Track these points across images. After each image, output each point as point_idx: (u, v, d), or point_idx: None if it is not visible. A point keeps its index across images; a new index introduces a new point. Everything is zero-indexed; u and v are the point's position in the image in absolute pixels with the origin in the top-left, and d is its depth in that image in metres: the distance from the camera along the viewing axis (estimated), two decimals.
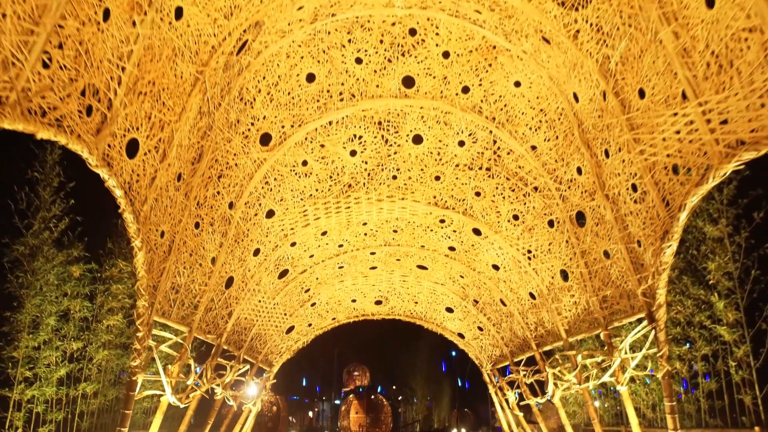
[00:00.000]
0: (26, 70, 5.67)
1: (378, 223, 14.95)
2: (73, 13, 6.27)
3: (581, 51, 9.96)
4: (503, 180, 13.28)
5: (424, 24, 11.94)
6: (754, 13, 6.53)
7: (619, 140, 9.92)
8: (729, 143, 7.45)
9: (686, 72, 7.89)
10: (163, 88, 8.65)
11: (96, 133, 7.23)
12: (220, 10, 9.34)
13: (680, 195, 8.67)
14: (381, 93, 12.75)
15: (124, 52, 7.48)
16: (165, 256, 10.04)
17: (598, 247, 11.53)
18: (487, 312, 16.61)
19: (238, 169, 12.00)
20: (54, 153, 12.48)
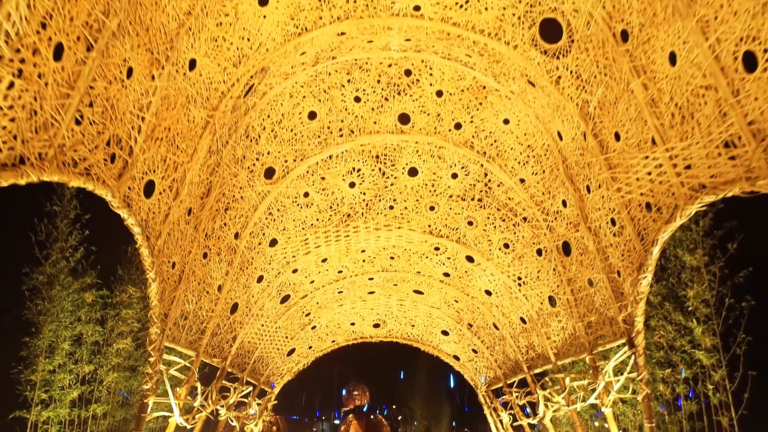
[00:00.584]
0: (62, 129, 6.45)
1: (376, 250, 15.66)
2: (102, 74, 7.07)
3: (563, 95, 10.77)
4: (494, 210, 14.02)
5: (419, 65, 12.78)
6: (709, 73, 7.34)
7: (598, 177, 10.68)
8: (692, 186, 8.21)
9: (654, 120, 8.69)
10: (177, 132, 9.43)
11: (118, 178, 7.98)
12: (229, 60, 10.17)
13: (653, 231, 9.41)
14: (378, 129, 13.56)
15: (144, 103, 8.27)
16: (176, 285, 10.73)
17: (582, 276, 12.22)
18: (481, 335, 17.24)
19: (244, 202, 12.74)
20: (71, 187, 13.23)
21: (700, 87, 7.60)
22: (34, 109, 5.89)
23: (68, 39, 6.20)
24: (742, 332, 11.63)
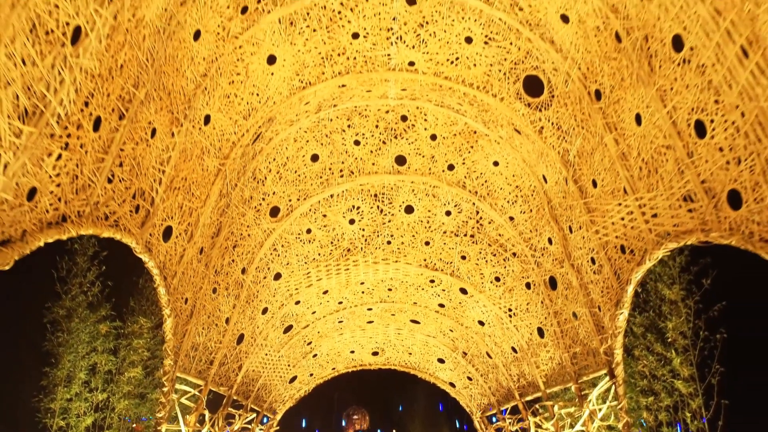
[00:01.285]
0: (98, 188, 7.37)
1: (374, 282, 16.49)
2: (131, 137, 8.02)
3: (546, 143, 11.73)
4: (485, 246, 14.88)
5: (414, 112, 13.78)
6: (668, 135, 8.29)
7: (579, 219, 11.57)
8: (659, 233, 9.10)
9: (625, 172, 9.62)
10: (193, 181, 10.36)
11: (141, 226, 8.87)
12: (239, 113, 11.16)
13: (627, 271, 10.28)
14: (376, 170, 14.50)
15: (165, 158, 9.21)
16: (187, 319, 11.55)
17: (567, 309, 13.03)
18: (475, 363, 17.98)
19: (251, 239, 13.61)
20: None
21: (662, 146, 8.55)
22: (75, 174, 6.81)
23: (105, 111, 7.16)
24: (716, 363, 12.43)
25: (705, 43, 7.05)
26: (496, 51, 11.33)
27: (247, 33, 10.20)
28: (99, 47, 6.50)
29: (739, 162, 6.95)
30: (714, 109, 7.25)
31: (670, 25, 7.67)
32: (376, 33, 11.49)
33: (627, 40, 8.69)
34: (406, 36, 11.57)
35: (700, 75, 7.35)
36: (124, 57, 7.25)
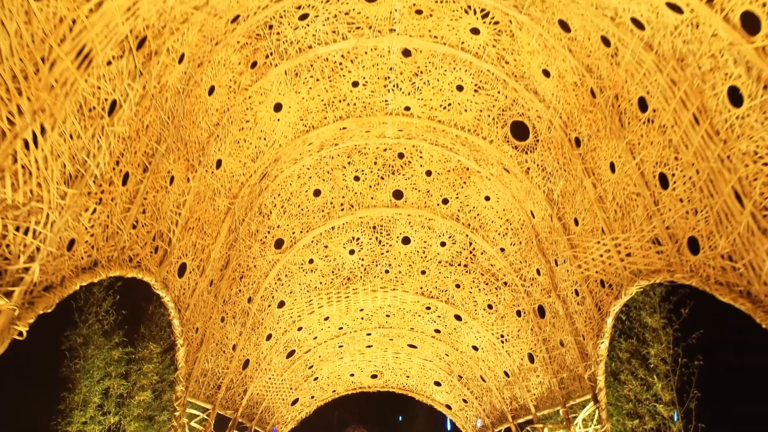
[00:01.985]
0: (124, 235, 8.23)
1: (373, 309, 17.29)
2: (153, 186, 8.90)
3: (532, 183, 12.62)
4: (478, 275, 15.71)
5: (410, 150, 14.69)
6: (637, 183, 9.18)
7: (563, 254, 12.41)
8: (632, 271, 9.94)
9: (602, 213, 10.50)
10: (205, 221, 11.23)
11: (159, 265, 9.72)
12: (248, 156, 12.07)
13: (606, 303, 11.10)
14: (375, 203, 15.38)
15: (181, 201, 10.08)
16: (198, 347, 12.34)
17: (555, 337, 13.82)
18: (470, 386, 18.69)
19: (256, 269, 14.44)
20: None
21: (633, 193, 9.44)
22: (106, 224, 7.68)
23: (132, 167, 8.05)
24: (694, 388, 13.18)
25: (665, 107, 7.98)
26: (485, 98, 12.29)
27: (256, 84, 11.15)
28: (130, 114, 7.42)
29: (696, 213, 7.83)
30: (674, 165, 8.16)
31: (635, 88, 8.60)
32: (375, 81, 12.46)
33: (600, 96, 9.63)
34: (402, 84, 12.54)
35: (662, 134, 8.27)
36: (150, 118, 8.17)
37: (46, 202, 6.02)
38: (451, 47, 11.48)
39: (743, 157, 6.65)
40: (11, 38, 4.77)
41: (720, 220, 7.31)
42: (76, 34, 5.56)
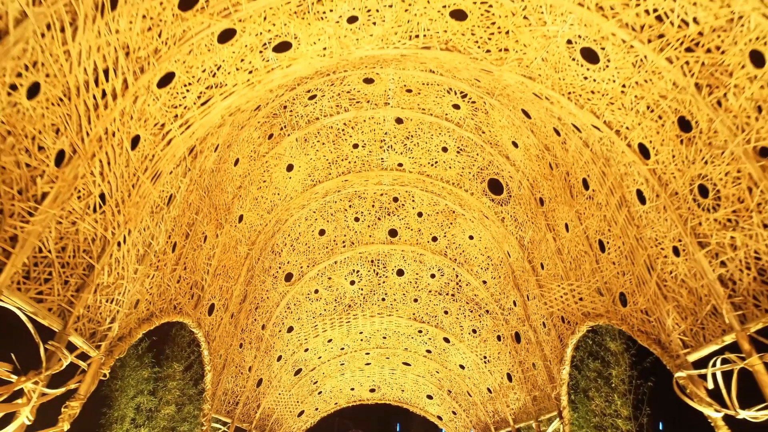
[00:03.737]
0: (172, 290, 10.36)
1: (371, 332, 19.40)
2: (192, 246, 11.02)
3: (507, 230, 14.74)
4: (464, 303, 17.82)
5: (404, 194, 16.80)
6: (584, 244, 11.30)
7: (533, 291, 14.52)
8: (584, 312, 12.05)
9: (561, 263, 12.61)
10: (229, 266, 13.36)
11: (194, 308, 11.84)
12: (264, 209, 14.20)
13: (566, 336, 13.21)
14: (373, 241, 17.50)
15: (211, 254, 12.20)
16: (221, 371, 14.44)
17: (529, 360, 15.91)
18: (458, 400, 20.79)
19: (269, 300, 16.56)
20: None
21: (582, 251, 11.56)
22: (160, 284, 9.81)
23: (179, 237, 10.19)
24: (646, 406, 15.31)
25: (600, 190, 10.12)
26: (466, 158, 14.43)
27: (273, 151, 13.29)
28: (180, 199, 9.58)
29: (624, 275, 9.97)
30: (608, 235, 10.29)
31: (580, 170, 10.74)
32: (372, 143, 14.61)
33: (556, 170, 11.77)
34: (396, 146, 14.69)
35: (599, 210, 10.41)
36: (192, 197, 10.31)
37: (125, 278, 8.16)
38: (436, 117, 13.63)
39: (649, 241, 8.80)
40: (117, 179, 6.92)
41: (639, 283, 9.45)
42: (154, 163, 7.71)
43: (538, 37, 7.71)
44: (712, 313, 7.58)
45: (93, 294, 7.18)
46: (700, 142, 6.77)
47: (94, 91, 5.69)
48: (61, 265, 6.36)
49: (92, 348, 7.75)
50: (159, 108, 7.04)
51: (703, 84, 6.34)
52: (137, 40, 5.85)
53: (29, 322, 6.04)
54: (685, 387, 8.54)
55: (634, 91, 7.42)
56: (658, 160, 7.78)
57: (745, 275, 6.78)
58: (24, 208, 5.33)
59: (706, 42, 6.05)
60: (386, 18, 7.90)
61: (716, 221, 7.00)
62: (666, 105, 7.05)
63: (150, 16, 5.82)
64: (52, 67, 4.98)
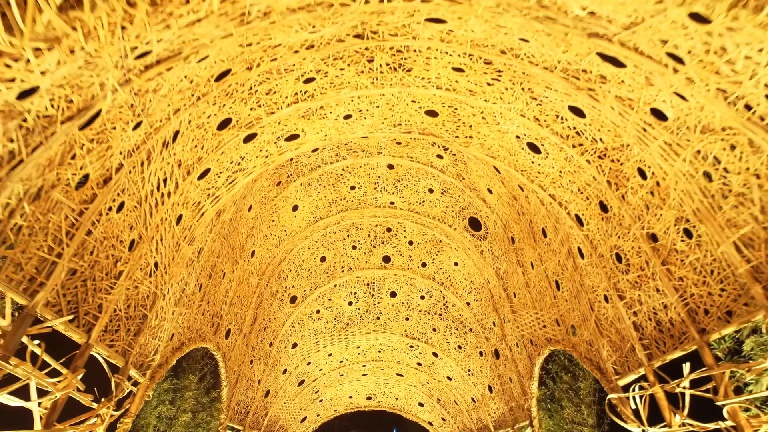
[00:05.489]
0: (197, 322, 12.41)
1: (368, 346, 21.47)
2: (213, 283, 13.08)
3: (485, 261, 16.79)
4: (450, 322, 19.88)
5: (396, 225, 18.85)
6: (544, 282, 13.35)
7: (508, 316, 16.57)
8: (546, 337, 14.10)
9: (528, 294, 14.66)
10: (243, 295, 15.42)
11: (214, 334, 13.90)
12: (273, 244, 16.26)
13: (534, 356, 15.26)
14: (368, 266, 19.55)
15: (228, 287, 14.27)
16: (235, 385, 16.51)
17: (506, 374, 17.96)
18: (447, 408, 22.85)
19: (276, 320, 18.62)
20: None
21: (544, 287, 13.62)
22: (188, 318, 11.87)
23: (204, 278, 12.25)
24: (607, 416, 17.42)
25: (554, 240, 12.18)
26: (449, 199, 16.48)
27: (280, 195, 15.35)
28: (206, 250, 11.65)
29: (573, 311, 12.03)
30: (562, 277, 12.35)
31: (540, 221, 12.80)
32: (367, 185, 16.66)
33: (522, 217, 13.82)
34: (388, 187, 16.74)
35: (554, 255, 12.47)
36: (215, 245, 12.38)
37: (166, 319, 10.24)
38: (423, 164, 15.69)
39: (589, 287, 10.86)
40: (166, 249, 8.99)
41: (583, 319, 11.51)
42: (191, 231, 9.78)
43: (495, 131, 9.79)
44: (631, 350, 9.65)
45: (145, 336, 9.25)
46: (614, 221, 8.84)
47: (156, 195, 7.77)
48: (126, 317, 8.44)
49: (141, 376, 9.81)
50: (198, 193, 9.12)
51: (612, 182, 8.41)
52: (187, 155, 7.92)
53: (105, 363, 8.12)
54: (617, 406, 10.60)
55: (568, 177, 9.49)
56: (589, 229, 9.85)
57: (649, 324, 8.85)
58: (108, 284, 7.40)
59: (610, 155, 8.13)
60: (374, 114, 9.98)
61: (628, 281, 9.06)
62: (590, 191, 9.12)
63: (196, 138, 7.90)
64: (132, 189, 7.06)
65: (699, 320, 7.63)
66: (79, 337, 7.31)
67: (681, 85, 5.39)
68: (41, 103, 4.24)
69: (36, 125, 4.37)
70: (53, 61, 3.54)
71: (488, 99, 8.85)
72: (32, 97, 4.01)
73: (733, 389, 8.76)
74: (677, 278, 7.84)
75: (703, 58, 4.74)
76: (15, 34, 3.05)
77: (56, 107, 4.54)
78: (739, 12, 3.53)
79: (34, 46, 3.24)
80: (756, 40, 3.92)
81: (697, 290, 7.47)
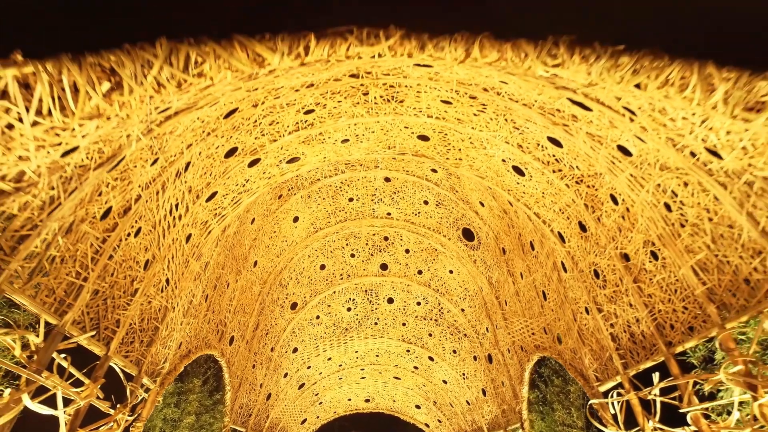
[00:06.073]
0: (204, 331, 13.12)
1: (366, 351, 22.18)
2: (218, 294, 13.78)
3: (478, 270, 17.50)
4: (445, 328, 20.58)
5: (393, 234, 19.55)
6: (532, 291, 14.06)
7: (500, 323, 17.28)
8: (535, 344, 14.81)
9: (518, 303, 15.37)
10: (246, 304, 16.13)
11: (219, 341, 14.61)
12: (275, 254, 16.96)
13: (524, 362, 15.96)
14: (366, 273, 20.25)
15: (232, 296, 14.97)
16: (238, 388, 17.21)
17: (499, 378, 18.67)
18: (442, 410, 23.55)
19: (277, 326, 19.33)
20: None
21: (532, 296, 14.32)
22: (195, 328, 12.58)
23: (210, 290, 12.95)
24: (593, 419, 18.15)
25: (540, 253, 12.88)
26: (443, 210, 17.19)
27: (281, 208, 16.06)
28: (212, 263, 12.35)
29: (558, 320, 12.73)
30: (548, 288, 13.05)
31: (527, 234, 13.50)
32: (365, 197, 17.37)
33: (512, 230, 14.53)
34: (384, 199, 17.45)
35: (541, 267, 13.17)
36: (220, 258, 13.09)
37: (175, 330, 10.94)
38: (418, 178, 16.39)
39: (572, 299, 11.57)
40: (176, 266, 9.68)
41: (567, 328, 12.22)
42: (199, 248, 10.48)
43: (482, 155, 10.50)
44: (609, 359, 10.35)
45: (156, 346, 9.96)
46: (592, 240, 9.55)
47: (168, 219, 8.49)
48: (140, 330, 9.15)
49: (152, 382, 10.52)
50: (205, 213, 9.84)
51: (589, 205, 9.12)
52: (197, 182, 8.64)
53: (121, 372, 8.83)
54: (598, 410, 11.31)
55: (550, 198, 10.20)
56: (570, 246, 10.56)
57: (624, 335, 9.56)
58: (125, 301, 8.11)
59: (586, 181, 8.84)
60: (370, 138, 10.69)
61: (605, 296, 9.78)
62: (570, 211, 9.83)
63: (205, 167, 8.61)
64: (148, 215, 7.77)
65: (666, 334, 8.35)
66: (100, 350, 8.02)
67: (637, 131, 6.09)
68: (79, 156, 4.94)
69: (73, 174, 5.09)
70: (93, 127, 4.23)
71: (475, 127, 9.56)
72: (72, 154, 4.72)
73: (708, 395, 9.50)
74: (647, 295, 8.55)
75: (651, 113, 5.44)
76: (68, 114, 3.75)
77: (90, 158, 5.25)
78: (668, 89, 4.21)
79: (80, 123, 3.93)
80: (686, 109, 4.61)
81: (664, 307, 8.18)
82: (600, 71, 4.14)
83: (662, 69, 4.03)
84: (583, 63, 4.09)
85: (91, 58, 3.55)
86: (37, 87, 3.52)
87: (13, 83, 3.42)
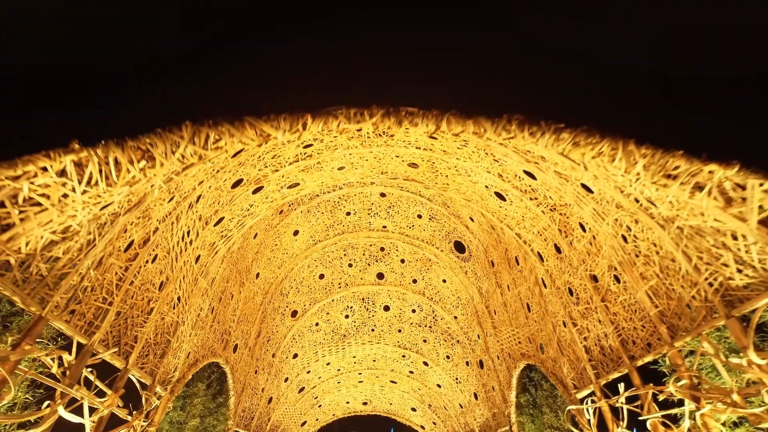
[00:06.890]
0: (210, 339, 14.04)
1: (363, 356, 23.10)
2: (223, 306, 14.71)
3: (469, 280, 18.42)
4: (439, 334, 21.50)
5: (389, 245, 20.47)
6: (517, 303, 14.98)
7: (490, 331, 18.20)
8: (522, 353, 15.72)
9: (505, 313, 16.29)
10: (249, 314, 17.05)
11: (224, 350, 15.53)
12: (276, 266, 17.89)
13: (512, 368, 16.88)
14: (364, 282, 21.17)
15: (236, 307, 15.89)
16: (241, 393, 18.13)
17: (490, 383, 19.58)
18: (437, 413, 24.48)
19: (278, 333, 20.25)
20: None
21: (518, 308, 15.24)
22: (202, 338, 13.49)
23: (216, 302, 13.87)
24: None
25: (524, 268, 13.80)
26: (436, 224, 18.11)
27: (282, 222, 16.98)
28: (218, 278, 13.27)
29: (541, 331, 13.65)
30: (532, 301, 13.97)
31: (513, 250, 14.41)
32: (361, 211, 18.29)
33: (500, 245, 15.45)
34: (380, 212, 18.37)
35: (525, 281, 14.09)
36: (225, 272, 14.01)
37: (185, 341, 11.86)
38: (412, 193, 17.31)
39: (551, 313, 12.49)
40: (186, 285, 10.61)
41: (548, 339, 13.14)
42: (206, 267, 11.40)
43: (467, 181, 11.43)
44: (584, 369, 11.27)
45: (168, 357, 10.89)
46: (566, 261, 10.48)
47: (181, 245, 9.42)
48: (154, 344, 10.08)
49: (164, 390, 11.45)
50: (213, 235, 10.77)
51: (562, 230, 10.05)
52: (206, 210, 9.57)
53: (137, 382, 9.76)
54: (575, 416, 12.23)
55: (529, 221, 11.13)
56: (548, 265, 11.49)
57: (595, 348, 10.48)
58: (142, 319, 9.04)
59: (559, 209, 9.77)
60: (364, 165, 11.62)
61: (578, 312, 10.70)
62: (547, 234, 10.76)
63: (214, 197, 9.54)
64: (163, 243, 8.70)
65: (629, 348, 9.27)
66: (120, 363, 8.96)
67: (591, 178, 7.03)
68: (112, 207, 5.89)
69: (107, 220, 6.03)
70: (126, 186, 5.15)
71: (459, 158, 10.49)
72: (108, 207, 5.64)
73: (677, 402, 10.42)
74: (612, 313, 9.48)
75: (599, 166, 6.38)
76: (110, 183, 4.67)
77: (120, 206, 6.19)
78: (601, 159, 5.10)
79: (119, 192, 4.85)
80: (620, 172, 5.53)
81: (626, 324, 9.11)
82: (545, 144, 5.03)
83: (595, 144, 4.92)
84: (530, 138, 4.97)
85: (131, 141, 4.45)
86: (88, 165, 4.43)
87: (70, 164, 4.33)
